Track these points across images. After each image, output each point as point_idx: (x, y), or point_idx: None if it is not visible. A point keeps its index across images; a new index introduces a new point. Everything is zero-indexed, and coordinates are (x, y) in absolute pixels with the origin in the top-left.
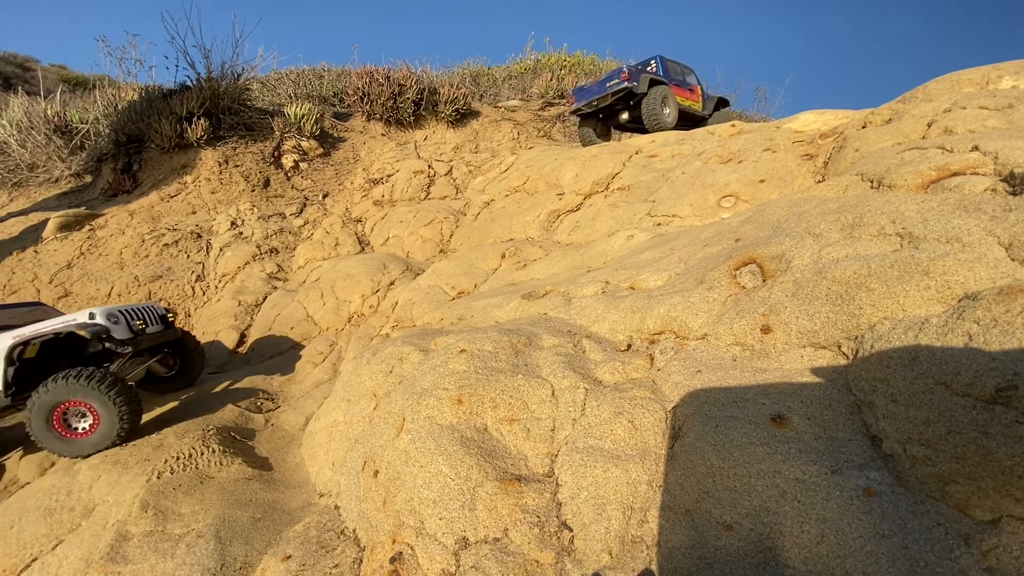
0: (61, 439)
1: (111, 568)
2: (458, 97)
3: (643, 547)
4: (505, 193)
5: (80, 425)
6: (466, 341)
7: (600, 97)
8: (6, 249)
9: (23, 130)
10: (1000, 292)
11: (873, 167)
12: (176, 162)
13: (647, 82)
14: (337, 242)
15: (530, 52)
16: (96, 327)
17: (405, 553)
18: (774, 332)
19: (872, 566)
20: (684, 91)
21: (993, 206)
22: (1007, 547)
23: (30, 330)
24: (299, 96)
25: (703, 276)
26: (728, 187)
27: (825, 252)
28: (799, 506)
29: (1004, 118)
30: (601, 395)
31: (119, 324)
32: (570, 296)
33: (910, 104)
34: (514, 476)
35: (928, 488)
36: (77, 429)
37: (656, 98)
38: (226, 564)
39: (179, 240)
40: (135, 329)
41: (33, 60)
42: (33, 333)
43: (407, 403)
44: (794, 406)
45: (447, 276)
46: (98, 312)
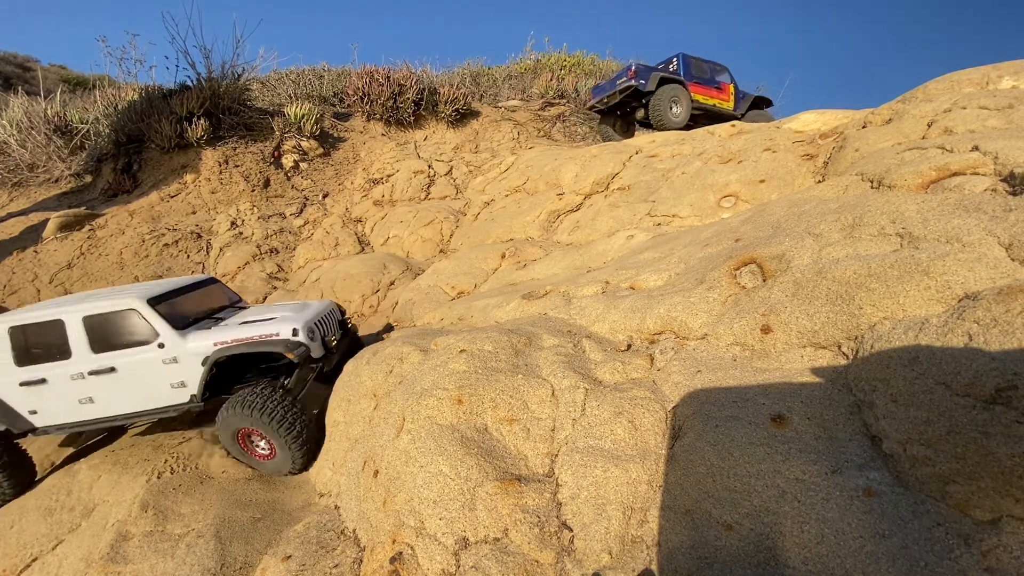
0: (249, 457)
1: (111, 568)
2: (458, 97)
3: (643, 547)
4: (505, 193)
5: (260, 448)
6: (466, 341)
7: (610, 95)
8: (6, 249)
9: (23, 130)
10: (1000, 292)
11: (873, 167)
12: (176, 162)
13: (656, 80)
14: (337, 242)
15: (530, 52)
16: (301, 348)
17: (405, 553)
18: (774, 332)
19: (872, 566)
20: (709, 89)
21: (993, 206)
22: (1007, 547)
23: (233, 335)
24: (299, 96)
25: (703, 276)
26: (728, 187)
27: (825, 252)
28: (799, 506)
29: (1004, 118)
30: (601, 395)
31: (315, 341)
32: (570, 296)
33: (910, 104)
34: (514, 476)
35: (928, 488)
36: (258, 451)
37: (663, 97)
38: (226, 564)
39: (179, 240)
40: (329, 346)
41: (33, 60)
42: (237, 342)
43: (407, 403)
44: (794, 406)
45: (447, 276)
46: (301, 328)
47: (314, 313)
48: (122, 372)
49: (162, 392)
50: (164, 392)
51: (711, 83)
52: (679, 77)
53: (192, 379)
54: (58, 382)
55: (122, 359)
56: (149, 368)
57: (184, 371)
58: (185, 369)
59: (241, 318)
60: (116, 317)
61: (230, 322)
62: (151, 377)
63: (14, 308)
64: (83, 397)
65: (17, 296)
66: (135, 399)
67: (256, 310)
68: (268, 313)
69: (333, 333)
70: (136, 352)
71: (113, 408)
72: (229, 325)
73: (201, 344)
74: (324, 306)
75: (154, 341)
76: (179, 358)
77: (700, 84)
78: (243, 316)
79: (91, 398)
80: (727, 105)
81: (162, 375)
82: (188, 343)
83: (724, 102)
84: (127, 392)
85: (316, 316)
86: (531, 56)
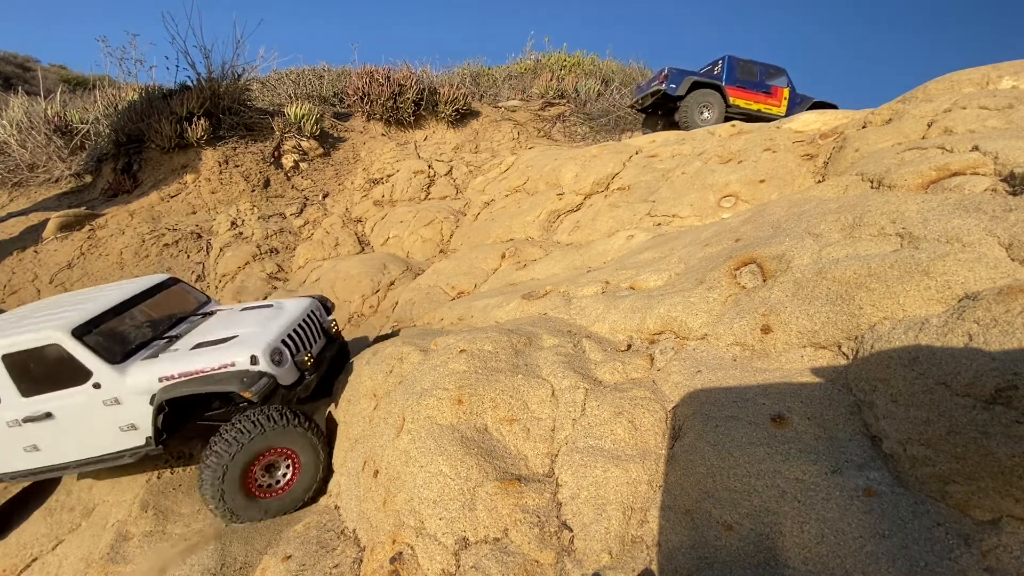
0: (252, 500)
1: (111, 568)
2: (458, 97)
3: (643, 547)
4: (505, 193)
5: (277, 478)
6: (466, 341)
7: (643, 96)
8: (6, 249)
9: (23, 130)
10: (1000, 292)
11: (873, 167)
12: (176, 162)
13: (688, 85)
14: (337, 242)
15: (530, 52)
16: (262, 382)
17: (405, 553)
18: (774, 332)
19: (872, 566)
20: (756, 94)
21: (993, 206)
22: (1007, 547)
23: (179, 367)
24: (299, 96)
25: (703, 276)
26: (728, 187)
27: (825, 252)
28: (799, 506)
29: (1004, 118)
30: (601, 395)
31: (284, 365)
32: (570, 296)
33: (910, 104)
34: (514, 476)
35: (928, 488)
36: (270, 485)
37: (692, 103)
38: (226, 564)
39: (179, 240)
40: (301, 367)
41: (33, 60)
42: (183, 376)
43: (407, 403)
44: (794, 406)
45: (447, 276)
46: (261, 354)
47: (283, 326)
48: (60, 418)
49: (110, 437)
50: (112, 437)
51: (759, 87)
52: (716, 81)
53: (143, 421)
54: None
55: (56, 403)
56: (88, 412)
57: (130, 412)
58: (131, 410)
59: (197, 337)
60: (39, 353)
61: (182, 344)
62: (93, 422)
63: (14, 308)
64: (27, 445)
65: (17, 296)
66: (81, 447)
67: (220, 322)
68: (229, 329)
69: (309, 349)
70: (69, 395)
71: (62, 456)
72: (180, 350)
73: (144, 379)
74: (299, 311)
75: (87, 381)
76: (121, 398)
77: (745, 88)
78: (201, 333)
79: (35, 446)
80: (777, 110)
81: (105, 419)
82: (128, 379)
83: (773, 107)
84: (71, 439)
85: (285, 330)
86: (531, 56)
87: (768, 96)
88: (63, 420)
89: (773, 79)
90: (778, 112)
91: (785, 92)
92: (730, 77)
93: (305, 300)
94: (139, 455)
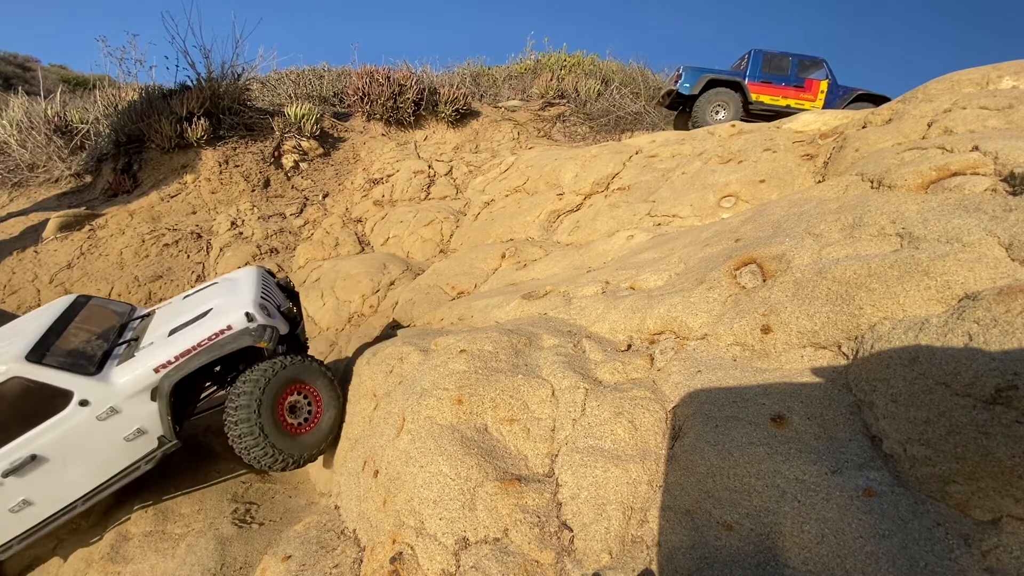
0: (288, 436)
1: (111, 568)
2: (458, 97)
3: (643, 547)
4: (505, 193)
5: (301, 415)
6: (466, 341)
7: (661, 96)
8: (6, 249)
9: (23, 130)
10: (1000, 292)
11: (873, 167)
12: (176, 162)
13: (703, 84)
14: (337, 242)
15: (530, 52)
16: (268, 332)
17: (405, 553)
18: (774, 332)
19: (872, 566)
20: (785, 89)
21: (993, 206)
22: (1007, 547)
23: (174, 350)
24: (299, 96)
25: (703, 276)
26: (728, 187)
27: (825, 252)
28: (799, 506)
29: (1004, 118)
30: (601, 395)
31: (275, 317)
32: (570, 296)
33: (910, 104)
34: (514, 476)
35: (928, 488)
36: (299, 424)
37: (705, 102)
38: (226, 564)
39: (179, 240)
40: (289, 315)
41: (33, 60)
42: (185, 355)
43: (407, 403)
44: (794, 406)
45: (447, 276)
46: (253, 311)
47: (252, 288)
48: (49, 456)
49: (117, 452)
50: (120, 451)
51: (790, 81)
52: (736, 78)
53: (149, 421)
54: None
55: (38, 441)
56: (83, 434)
57: (132, 417)
58: (133, 414)
59: (162, 327)
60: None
61: (153, 337)
62: (93, 443)
63: (14, 308)
64: (14, 505)
65: (17, 296)
66: (87, 477)
67: (172, 312)
68: (195, 308)
69: (283, 301)
70: (53, 425)
71: (64, 498)
72: (156, 342)
73: (135, 377)
74: (255, 275)
75: (70, 402)
76: (117, 406)
77: (772, 83)
78: (161, 324)
79: (25, 500)
80: (811, 104)
81: (106, 435)
82: (117, 384)
83: (806, 101)
84: (71, 474)
85: (256, 290)
86: (531, 56)
87: (800, 90)
88: (54, 457)
89: (808, 72)
90: (813, 107)
91: (822, 85)
92: (755, 72)
93: (252, 268)
94: (155, 460)
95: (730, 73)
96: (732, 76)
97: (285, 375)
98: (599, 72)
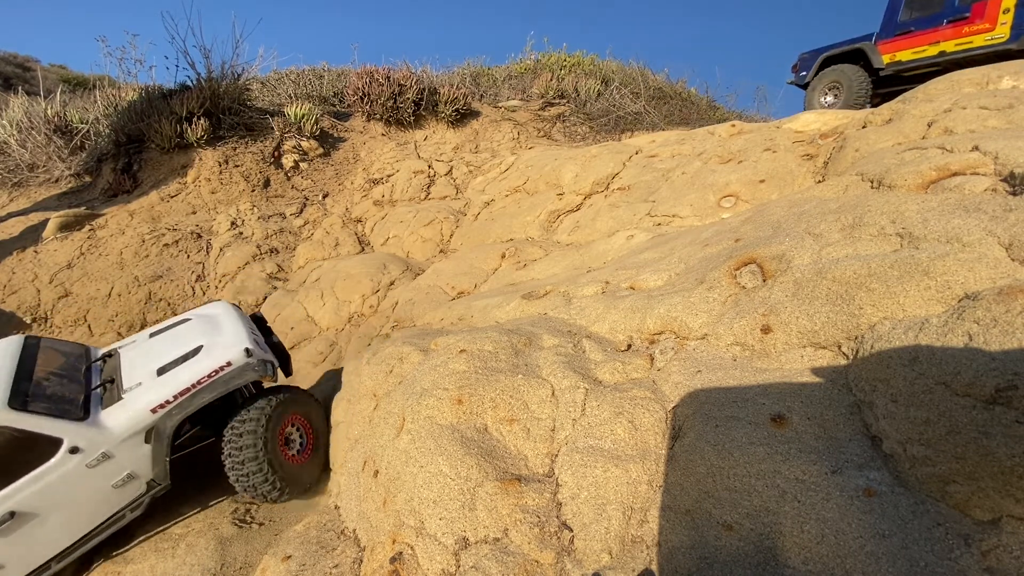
0: (291, 467)
1: (111, 568)
2: (458, 97)
3: (643, 547)
4: (505, 193)
5: (294, 446)
6: (466, 341)
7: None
8: (6, 249)
9: (23, 130)
10: (1000, 292)
11: (873, 167)
12: (176, 162)
13: (819, 66)
14: (337, 242)
15: (530, 52)
16: (268, 366)
17: (405, 553)
18: (774, 332)
19: (872, 566)
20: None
21: (993, 206)
22: (1007, 547)
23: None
24: (299, 96)
25: (703, 276)
26: (728, 187)
27: (825, 252)
28: (799, 506)
29: (1004, 118)
30: (601, 395)
31: (267, 352)
32: (570, 296)
33: (910, 104)
34: (514, 476)
35: (928, 488)
36: (295, 453)
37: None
38: (226, 564)
39: (179, 240)
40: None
41: (33, 60)
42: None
43: (407, 403)
44: (794, 406)
45: (447, 276)
46: (251, 347)
47: (240, 323)
48: (29, 510)
49: (104, 501)
50: (106, 499)
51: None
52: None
53: (140, 465)
54: None
55: (17, 496)
56: (71, 486)
57: (124, 461)
58: (125, 459)
59: (142, 366)
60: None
61: (137, 377)
62: (80, 493)
63: (14, 308)
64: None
65: (17, 296)
66: (65, 532)
67: (144, 350)
68: (175, 346)
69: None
70: (38, 477)
71: (43, 553)
72: (144, 382)
73: (128, 420)
74: (234, 311)
75: (59, 450)
76: (110, 451)
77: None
78: (139, 364)
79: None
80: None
81: (95, 482)
82: (108, 426)
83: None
84: (49, 530)
85: (247, 326)
86: (531, 56)
87: (964, 23)
88: (34, 511)
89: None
90: (996, 37)
91: (1006, 3)
92: (889, 26)
93: (221, 303)
94: (143, 506)
95: (851, 41)
96: (852, 44)
97: (282, 409)
98: (599, 72)
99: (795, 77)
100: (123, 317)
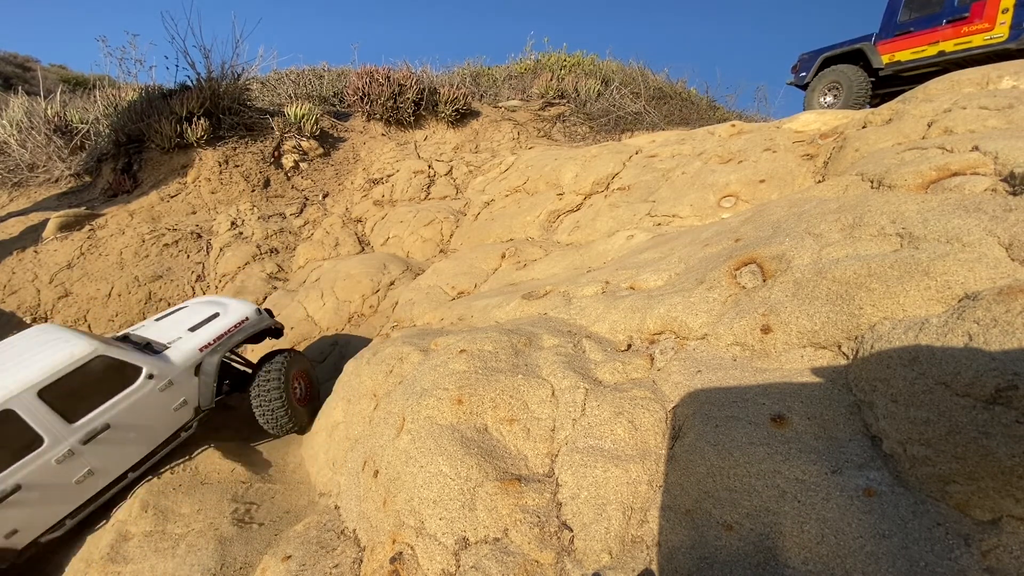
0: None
1: (111, 568)
2: (458, 97)
3: (643, 547)
4: (505, 193)
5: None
6: (466, 341)
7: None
8: (6, 249)
9: (23, 130)
10: (1000, 292)
11: (873, 167)
12: (176, 162)
13: (818, 66)
14: (337, 242)
15: (530, 52)
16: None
17: (405, 553)
18: (774, 332)
19: (872, 566)
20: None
21: (993, 206)
22: (1007, 547)
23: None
24: (299, 96)
25: (703, 276)
26: (728, 187)
27: (825, 252)
28: (799, 506)
29: (1004, 118)
30: (601, 395)
31: None
32: (570, 296)
33: (910, 104)
34: (514, 476)
35: (928, 488)
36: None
37: (817, 87)
38: (226, 564)
39: (179, 240)
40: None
41: (33, 60)
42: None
43: (407, 403)
44: (794, 406)
45: (447, 276)
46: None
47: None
48: (119, 422)
49: (168, 419)
50: (169, 419)
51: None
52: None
53: (190, 393)
54: (40, 477)
55: (112, 411)
56: (148, 405)
57: (181, 389)
58: (181, 387)
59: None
60: (81, 370)
61: (176, 334)
62: (153, 411)
63: (14, 308)
64: (79, 476)
65: (17, 296)
66: (142, 443)
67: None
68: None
69: None
70: (127, 397)
71: (119, 466)
72: (183, 336)
73: (183, 356)
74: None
75: (139, 375)
76: (174, 379)
77: (914, 31)
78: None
79: (91, 471)
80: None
81: (163, 403)
82: (173, 361)
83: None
84: (132, 440)
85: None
86: (531, 56)
87: (963, 23)
88: (123, 423)
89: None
90: (995, 36)
91: (1004, 2)
92: (888, 26)
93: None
94: (192, 428)
95: (851, 42)
96: (851, 45)
97: (291, 364)
98: (599, 72)
99: (795, 78)
100: (123, 317)
